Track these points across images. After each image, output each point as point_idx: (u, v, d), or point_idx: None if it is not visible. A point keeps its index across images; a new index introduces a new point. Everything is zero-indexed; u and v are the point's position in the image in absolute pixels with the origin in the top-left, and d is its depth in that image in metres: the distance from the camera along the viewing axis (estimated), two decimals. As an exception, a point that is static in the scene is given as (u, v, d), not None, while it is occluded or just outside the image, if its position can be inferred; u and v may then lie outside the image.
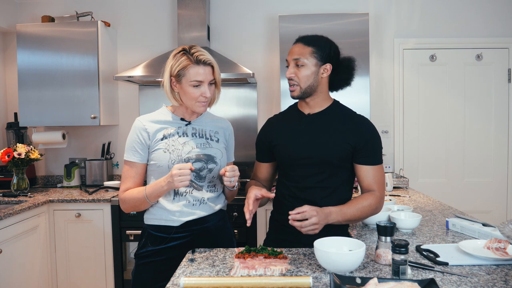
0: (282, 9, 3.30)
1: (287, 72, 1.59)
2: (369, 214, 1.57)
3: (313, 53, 1.56)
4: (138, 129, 1.58)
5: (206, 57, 1.53)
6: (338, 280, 1.11)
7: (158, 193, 1.51)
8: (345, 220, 1.50)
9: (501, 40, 3.31)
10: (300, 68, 1.57)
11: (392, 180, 2.91)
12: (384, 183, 1.62)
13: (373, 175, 1.59)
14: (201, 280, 1.16)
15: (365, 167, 1.59)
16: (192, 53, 1.52)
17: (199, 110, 1.59)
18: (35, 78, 3.07)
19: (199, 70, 1.52)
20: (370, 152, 1.58)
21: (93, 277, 2.82)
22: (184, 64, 1.52)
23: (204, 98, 1.55)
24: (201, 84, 1.53)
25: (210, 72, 1.55)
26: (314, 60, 1.57)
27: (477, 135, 3.36)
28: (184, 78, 1.53)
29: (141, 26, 3.41)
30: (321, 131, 1.61)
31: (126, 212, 1.63)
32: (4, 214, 2.34)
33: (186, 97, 1.56)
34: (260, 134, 1.76)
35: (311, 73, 1.57)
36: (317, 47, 1.57)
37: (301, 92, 1.59)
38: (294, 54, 1.58)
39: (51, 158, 3.48)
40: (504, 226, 1.27)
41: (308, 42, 1.58)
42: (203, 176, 1.60)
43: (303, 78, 1.57)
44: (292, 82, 1.59)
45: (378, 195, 1.58)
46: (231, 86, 3.34)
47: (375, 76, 3.33)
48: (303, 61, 1.56)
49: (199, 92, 1.54)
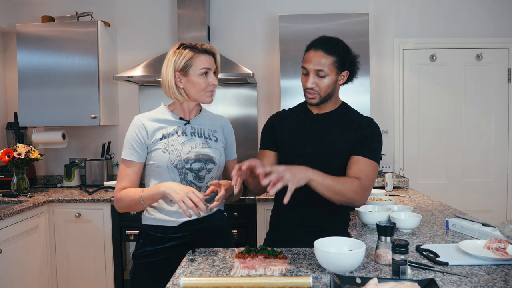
0: (282, 9, 3.30)
1: (308, 82, 1.55)
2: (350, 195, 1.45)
3: (335, 63, 1.54)
4: (137, 127, 1.58)
5: (208, 45, 1.60)
6: (338, 280, 1.11)
7: (154, 197, 1.50)
8: (326, 186, 1.40)
9: (501, 40, 3.31)
10: (322, 78, 1.55)
11: (392, 180, 2.91)
12: (372, 179, 1.55)
13: (362, 165, 1.53)
14: (201, 280, 1.15)
15: (357, 157, 1.55)
16: (194, 45, 1.57)
17: (207, 101, 1.60)
18: (35, 78, 3.07)
19: (205, 59, 1.56)
20: (366, 145, 1.56)
21: (93, 277, 2.82)
22: (190, 55, 1.54)
23: (212, 87, 1.58)
24: (208, 72, 1.57)
25: (213, 61, 1.60)
26: (335, 70, 1.56)
27: (477, 135, 3.36)
28: (191, 68, 1.54)
29: (141, 26, 3.41)
30: (327, 131, 1.61)
31: (120, 211, 1.61)
32: (4, 214, 2.34)
33: (194, 89, 1.56)
34: (268, 122, 1.76)
35: (331, 83, 1.57)
36: (338, 56, 1.55)
37: (321, 100, 1.59)
38: (316, 65, 1.53)
39: (51, 158, 3.48)
40: (504, 226, 1.27)
41: (329, 50, 1.54)
42: (202, 176, 1.60)
43: (324, 88, 1.56)
44: (312, 91, 1.57)
45: (362, 182, 1.49)
46: (231, 86, 3.34)
47: (375, 76, 3.33)
48: (325, 72, 1.54)
49: (207, 81, 1.57)
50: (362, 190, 1.50)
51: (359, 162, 1.54)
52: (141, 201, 1.51)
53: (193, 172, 1.58)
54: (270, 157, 1.70)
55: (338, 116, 1.64)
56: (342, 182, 1.45)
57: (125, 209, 1.59)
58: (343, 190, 1.44)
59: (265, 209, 2.74)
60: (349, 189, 1.45)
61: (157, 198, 1.50)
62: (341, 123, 1.62)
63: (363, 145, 1.56)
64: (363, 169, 1.53)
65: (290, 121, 1.70)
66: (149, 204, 1.53)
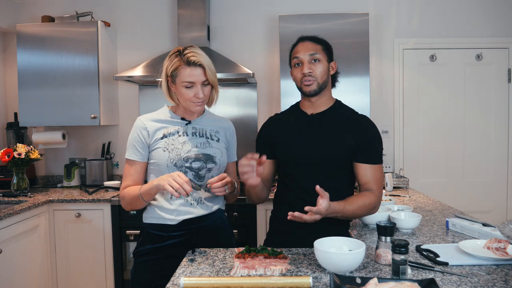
0: (282, 9, 3.30)
1: (304, 68, 1.57)
2: (367, 213, 1.58)
3: (323, 49, 1.60)
4: (139, 128, 1.60)
5: (197, 58, 1.51)
6: (338, 280, 1.11)
7: (150, 192, 1.52)
8: (344, 216, 1.51)
9: (501, 40, 3.31)
10: (316, 63, 1.58)
11: (392, 180, 2.91)
12: (382, 183, 1.62)
13: (372, 174, 1.59)
14: (201, 280, 1.16)
15: (365, 165, 1.59)
16: (184, 54, 1.52)
17: (195, 110, 1.59)
18: (35, 78, 3.06)
19: (190, 72, 1.51)
20: (371, 151, 1.59)
21: (93, 277, 2.82)
22: (176, 65, 1.52)
23: (197, 99, 1.55)
24: (193, 85, 1.53)
25: (202, 73, 1.53)
26: (325, 56, 1.60)
27: (477, 135, 3.36)
28: (177, 78, 1.54)
29: (141, 26, 3.41)
30: (323, 131, 1.61)
31: (126, 209, 1.65)
32: (4, 214, 2.34)
33: (181, 98, 1.57)
34: (261, 131, 1.76)
35: (325, 69, 1.60)
36: (324, 45, 1.62)
37: (318, 87, 1.59)
38: (309, 50, 1.58)
39: (51, 158, 3.48)
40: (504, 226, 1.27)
41: (316, 40, 1.62)
42: (202, 175, 1.60)
43: (319, 74, 1.58)
44: (309, 78, 1.57)
45: (377, 194, 1.58)
46: (231, 86, 3.34)
47: (375, 76, 3.33)
48: (318, 56, 1.58)
49: (192, 92, 1.54)
50: (377, 200, 1.59)
51: (368, 171, 1.59)
52: (139, 197, 1.54)
53: (193, 171, 1.59)
54: (267, 166, 1.72)
55: (333, 114, 1.64)
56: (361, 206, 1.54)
57: (128, 206, 1.62)
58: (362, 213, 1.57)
59: (265, 209, 2.74)
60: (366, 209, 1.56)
61: (153, 192, 1.52)
62: (337, 121, 1.63)
63: (369, 151, 1.59)
64: (374, 178, 1.59)
65: (286, 124, 1.70)
66: (148, 199, 1.55)
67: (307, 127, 1.63)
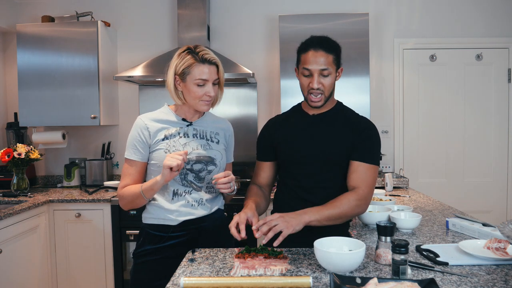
0: (282, 9, 3.30)
1: (314, 83, 1.53)
2: (351, 213, 1.50)
3: (334, 60, 1.55)
4: (140, 127, 1.59)
5: (211, 56, 1.54)
6: (338, 280, 1.11)
7: (153, 187, 1.50)
8: (325, 219, 1.44)
9: (501, 40, 3.31)
10: (325, 77, 1.55)
11: (392, 180, 2.92)
12: (372, 185, 1.56)
13: (362, 172, 1.54)
14: (201, 280, 1.15)
15: (356, 162, 1.56)
16: (197, 52, 1.53)
17: (203, 109, 1.59)
18: (35, 78, 3.06)
19: (204, 69, 1.52)
20: (364, 149, 1.56)
21: (93, 277, 2.82)
22: (189, 62, 1.52)
23: (208, 97, 1.55)
24: (205, 83, 1.53)
25: (215, 72, 1.55)
26: (335, 67, 1.56)
27: (477, 135, 3.36)
28: (188, 76, 1.53)
29: (141, 26, 3.41)
30: (324, 131, 1.61)
31: (124, 209, 1.63)
32: (4, 214, 2.34)
33: (190, 96, 1.56)
34: (262, 132, 1.76)
35: (333, 80, 1.58)
36: (336, 53, 1.56)
37: (325, 100, 1.58)
38: (320, 64, 1.52)
39: (51, 158, 3.48)
40: (504, 226, 1.27)
41: (329, 49, 1.54)
42: (202, 177, 1.60)
43: (328, 87, 1.56)
44: (317, 92, 1.55)
45: (360, 192, 1.51)
46: (231, 86, 3.34)
47: (375, 76, 3.33)
48: (329, 70, 1.54)
49: (203, 91, 1.54)
50: (361, 201, 1.51)
51: (359, 169, 1.55)
52: (142, 195, 1.52)
53: (193, 172, 1.59)
54: (267, 168, 1.73)
55: (334, 115, 1.64)
56: (338, 205, 1.47)
57: (127, 205, 1.60)
58: (343, 212, 1.47)
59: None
60: (347, 208, 1.48)
61: (156, 188, 1.51)
62: (338, 122, 1.62)
63: (362, 149, 1.56)
64: (362, 177, 1.54)
65: (287, 124, 1.70)
66: (149, 196, 1.54)
67: (308, 126, 1.64)
